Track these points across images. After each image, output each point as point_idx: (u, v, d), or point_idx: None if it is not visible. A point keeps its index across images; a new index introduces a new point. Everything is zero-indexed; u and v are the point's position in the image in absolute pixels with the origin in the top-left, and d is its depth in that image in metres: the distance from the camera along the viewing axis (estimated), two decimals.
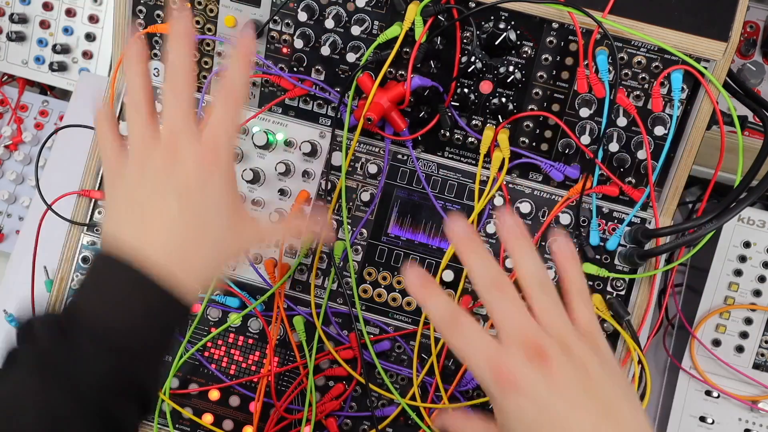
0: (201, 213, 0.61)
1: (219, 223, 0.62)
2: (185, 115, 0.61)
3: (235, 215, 0.64)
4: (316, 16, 0.85)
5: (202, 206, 0.61)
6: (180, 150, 0.60)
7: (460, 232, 0.57)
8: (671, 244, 0.79)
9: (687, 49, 0.78)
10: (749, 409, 1.01)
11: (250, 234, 0.66)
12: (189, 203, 0.60)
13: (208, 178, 0.61)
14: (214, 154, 0.61)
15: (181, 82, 0.62)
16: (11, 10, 1.18)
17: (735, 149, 0.79)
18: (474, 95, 0.86)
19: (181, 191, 0.60)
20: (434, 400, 0.87)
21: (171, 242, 0.59)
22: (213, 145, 0.61)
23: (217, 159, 0.61)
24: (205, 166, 0.60)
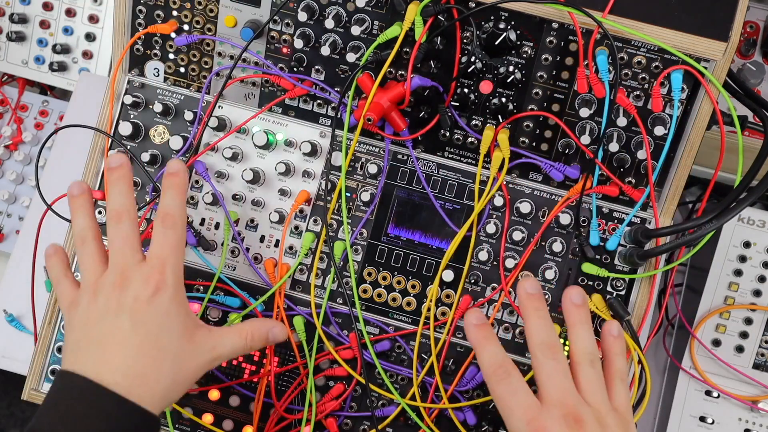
0: (153, 330, 0.64)
1: (172, 338, 0.65)
2: (131, 243, 0.67)
3: (189, 330, 0.67)
4: (316, 16, 0.85)
5: (154, 323, 0.64)
6: (128, 273, 0.65)
7: (529, 290, 0.66)
8: (671, 244, 0.79)
9: (687, 49, 0.78)
10: (749, 409, 1.01)
11: (208, 346, 0.69)
12: (140, 320, 0.64)
13: (156, 296, 0.65)
14: (160, 273, 0.66)
15: (124, 216, 0.68)
16: (11, 10, 1.18)
17: (735, 149, 0.79)
18: (474, 95, 0.86)
19: (132, 309, 0.64)
20: (434, 400, 0.87)
21: (126, 360, 0.62)
22: (159, 266, 0.66)
23: (163, 277, 0.66)
24: (153, 285, 0.65)
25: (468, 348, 0.87)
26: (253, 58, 0.89)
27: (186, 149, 0.90)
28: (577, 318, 0.66)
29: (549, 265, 0.86)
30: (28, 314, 1.04)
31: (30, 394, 0.92)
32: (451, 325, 0.86)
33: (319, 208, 0.89)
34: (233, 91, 0.91)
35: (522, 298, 0.67)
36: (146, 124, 0.92)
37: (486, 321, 0.65)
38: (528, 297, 0.67)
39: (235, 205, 0.91)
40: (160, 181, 0.90)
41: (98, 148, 0.92)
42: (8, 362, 1.08)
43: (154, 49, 0.92)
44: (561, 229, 0.86)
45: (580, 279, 0.86)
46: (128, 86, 0.93)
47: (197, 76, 0.92)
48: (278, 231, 0.90)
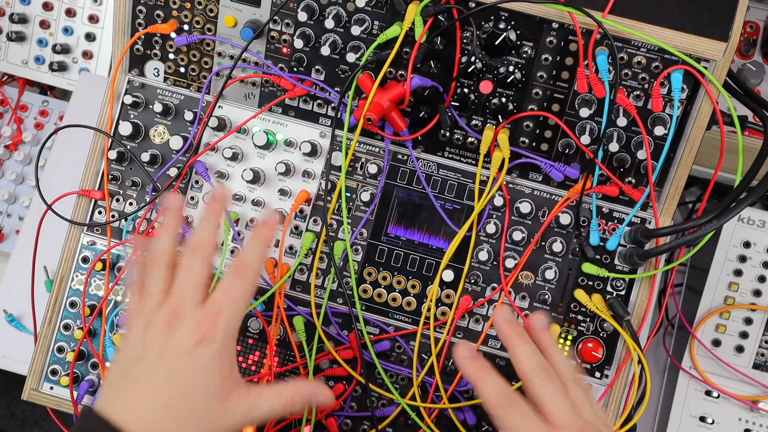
0: (187, 383, 0.60)
1: (206, 397, 0.61)
2: (195, 282, 0.63)
3: (226, 390, 0.62)
4: (316, 16, 0.85)
5: (190, 377, 0.60)
6: (181, 313, 0.62)
7: (507, 317, 0.67)
8: (671, 244, 0.79)
9: (687, 49, 0.78)
10: (749, 409, 1.01)
11: (242, 409, 0.64)
12: (177, 371, 0.60)
13: (199, 347, 0.60)
14: (212, 323, 0.61)
15: (199, 252, 0.64)
16: (11, 10, 1.18)
17: (735, 149, 0.79)
18: (474, 95, 0.86)
19: (173, 357, 0.60)
20: (434, 400, 0.87)
21: (153, 411, 0.59)
22: (214, 314, 0.62)
23: (213, 329, 0.61)
24: (200, 334, 0.61)
25: None
26: (253, 58, 0.89)
27: (186, 149, 0.90)
28: (554, 346, 0.68)
29: (549, 265, 0.86)
30: (28, 314, 1.04)
31: (30, 394, 0.92)
32: (451, 325, 0.86)
33: (319, 208, 0.89)
34: (233, 91, 0.91)
35: (502, 327, 0.67)
36: (146, 124, 0.92)
37: (476, 353, 0.66)
38: (508, 325, 0.67)
39: (235, 205, 0.91)
40: (160, 181, 0.90)
41: (98, 148, 0.92)
42: (8, 362, 1.08)
43: (154, 49, 0.92)
44: (561, 229, 0.86)
45: (580, 279, 0.86)
46: (128, 86, 0.93)
47: (197, 76, 0.92)
48: (278, 231, 0.90)
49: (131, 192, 0.92)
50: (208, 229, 0.66)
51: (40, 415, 1.82)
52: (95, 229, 0.92)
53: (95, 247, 0.92)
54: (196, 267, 0.64)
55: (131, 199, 0.92)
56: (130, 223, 0.91)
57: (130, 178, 0.92)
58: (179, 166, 0.90)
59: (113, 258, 0.91)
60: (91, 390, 0.91)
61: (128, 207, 0.92)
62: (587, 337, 0.86)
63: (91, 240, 0.93)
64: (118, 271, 0.91)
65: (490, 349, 0.87)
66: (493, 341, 0.87)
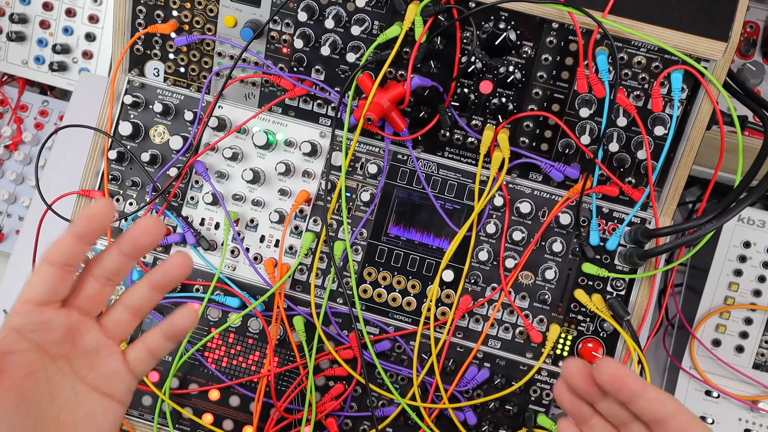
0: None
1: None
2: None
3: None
4: (316, 16, 0.85)
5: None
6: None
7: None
8: (671, 244, 0.79)
9: (687, 49, 0.78)
10: (749, 409, 1.01)
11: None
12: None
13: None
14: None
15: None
16: (11, 10, 1.18)
17: (735, 149, 0.79)
18: (474, 95, 0.86)
19: None
20: (434, 400, 0.87)
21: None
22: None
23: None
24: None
25: (468, 348, 0.87)
26: (253, 58, 0.89)
27: (186, 149, 0.90)
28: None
29: (549, 265, 0.86)
30: None
31: None
32: (451, 325, 0.86)
33: (319, 208, 0.89)
34: (233, 91, 0.91)
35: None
36: (146, 124, 0.92)
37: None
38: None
39: (235, 205, 0.91)
40: (160, 181, 0.90)
41: (98, 148, 0.92)
42: None
43: (154, 49, 0.92)
44: (561, 229, 0.86)
45: (580, 279, 0.86)
46: (128, 86, 0.93)
47: (197, 76, 0.92)
48: (278, 231, 0.90)
49: (131, 192, 0.92)
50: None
51: None
52: None
53: (95, 247, 0.92)
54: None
55: (131, 199, 0.92)
56: (130, 223, 0.91)
57: (130, 178, 0.92)
58: (179, 166, 0.90)
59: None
60: None
61: (128, 207, 0.92)
62: (587, 337, 0.86)
63: None
64: None
65: (490, 349, 0.87)
66: (493, 341, 0.87)
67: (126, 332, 0.57)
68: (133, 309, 0.57)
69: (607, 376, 0.55)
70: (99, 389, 0.55)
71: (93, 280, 0.56)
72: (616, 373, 0.55)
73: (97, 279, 0.56)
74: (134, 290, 0.57)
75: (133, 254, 0.56)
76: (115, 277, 0.56)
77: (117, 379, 0.56)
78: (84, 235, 0.55)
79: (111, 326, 0.57)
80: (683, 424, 0.54)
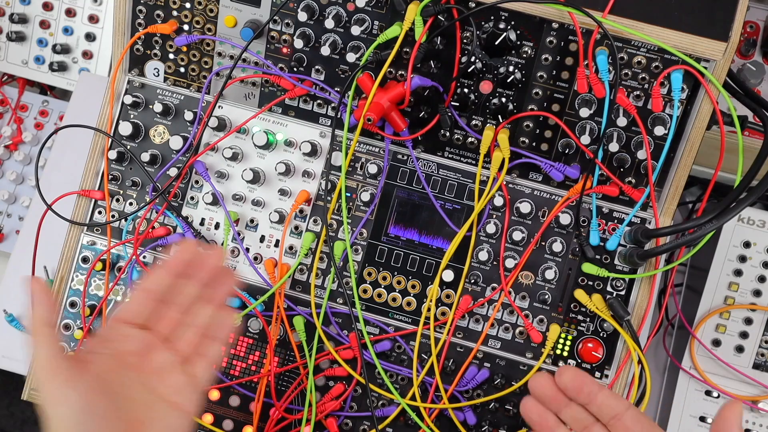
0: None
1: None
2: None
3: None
4: (316, 16, 0.85)
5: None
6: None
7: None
8: (671, 244, 0.79)
9: (687, 49, 0.78)
10: (749, 409, 1.01)
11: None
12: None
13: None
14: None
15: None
16: (11, 10, 1.18)
17: (735, 149, 0.79)
18: (474, 95, 0.86)
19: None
20: (434, 400, 0.87)
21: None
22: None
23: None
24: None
25: (468, 348, 0.87)
26: (253, 58, 0.89)
27: (186, 149, 0.90)
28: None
29: (549, 265, 0.86)
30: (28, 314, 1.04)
31: (30, 394, 0.92)
32: (451, 325, 0.86)
33: (319, 208, 0.89)
34: (233, 91, 0.91)
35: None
36: (146, 124, 0.92)
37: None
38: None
39: (235, 205, 0.91)
40: (160, 181, 0.90)
41: (98, 148, 0.92)
42: (8, 362, 1.08)
43: (154, 49, 0.91)
44: (561, 229, 0.86)
45: (580, 279, 0.86)
46: (128, 86, 0.93)
47: (197, 76, 0.92)
48: (278, 231, 0.90)
49: (131, 192, 0.92)
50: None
51: (41, 415, 1.82)
52: (95, 229, 0.92)
53: (95, 247, 0.92)
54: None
55: (131, 199, 0.92)
56: (130, 223, 0.91)
57: (130, 178, 0.92)
58: (179, 166, 0.90)
59: (113, 258, 0.91)
60: None
61: (128, 207, 0.92)
62: (587, 337, 0.86)
63: (91, 240, 0.93)
64: (118, 271, 0.91)
65: (490, 349, 0.87)
66: (493, 341, 0.87)
67: (192, 349, 0.65)
68: (198, 328, 0.65)
69: (568, 380, 0.64)
70: (167, 399, 0.62)
71: (169, 307, 0.65)
72: (575, 377, 0.64)
73: (173, 306, 0.65)
74: (198, 311, 0.66)
75: (203, 281, 0.66)
76: (188, 304, 0.65)
77: (182, 390, 0.63)
78: (173, 268, 0.65)
79: (179, 345, 0.64)
80: (635, 416, 0.64)
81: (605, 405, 0.64)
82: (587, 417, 0.65)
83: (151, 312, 0.64)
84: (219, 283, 0.67)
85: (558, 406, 0.66)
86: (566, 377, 0.64)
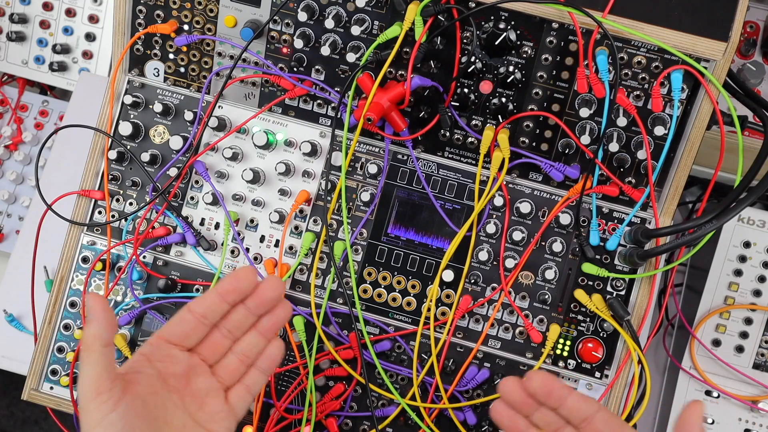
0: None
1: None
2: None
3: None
4: (316, 16, 0.85)
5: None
6: None
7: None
8: (671, 244, 0.79)
9: (687, 49, 0.78)
10: (749, 409, 1.01)
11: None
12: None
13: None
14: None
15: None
16: (11, 10, 1.18)
17: (735, 149, 0.79)
18: (474, 95, 0.86)
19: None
20: (434, 400, 0.87)
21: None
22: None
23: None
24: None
25: (468, 348, 0.87)
26: (253, 58, 0.89)
27: (186, 149, 0.90)
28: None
29: (549, 265, 0.86)
30: (28, 314, 1.04)
31: (30, 394, 0.92)
32: (451, 325, 0.86)
33: (319, 208, 0.89)
34: (233, 91, 0.91)
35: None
36: (146, 124, 0.92)
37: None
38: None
39: (235, 205, 0.91)
40: (160, 181, 0.90)
41: (98, 148, 0.92)
42: (8, 362, 1.08)
43: (154, 49, 0.92)
44: (561, 229, 0.86)
45: (580, 279, 0.86)
46: (128, 86, 0.93)
47: (197, 76, 0.92)
48: (278, 231, 0.90)
49: (131, 192, 0.92)
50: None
51: (40, 415, 1.82)
52: (95, 229, 0.92)
53: (95, 247, 0.92)
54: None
55: (131, 199, 0.92)
56: (130, 223, 0.91)
57: (130, 178, 0.92)
58: (179, 166, 0.90)
59: (113, 258, 0.91)
60: None
61: (128, 207, 0.92)
62: (587, 337, 0.86)
63: (91, 240, 0.93)
64: (118, 271, 0.91)
65: (490, 349, 0.88)
66: (493, 341, 0.87)
67: (234, 378, 0.65)
68: (243, 356, 0.65)
69: (538, 384, 0.63)
70: (204, 426, 0.62)
71: (217, 332, 0.64)
72: (544, 382, 0.63)
73: (221, 331, 0.64)
74: (245, 338, 0.65)
75: (256, 310, 0.64)
76: (237, 331, 0.65)
77: (220, 418, 0.63)
78: (227, 294, 0.63)
79: (221, 372, 0.64)
80: (606, 418, 0.63)
81: (575, 408, 0.63)
82: (558, 420, 0.65)
83: (195, 332, 0.63)
84: (272, 314, 0.65)
85: (528, 410, 0.65)
86: (535, 382, 0.63)
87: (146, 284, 0.91)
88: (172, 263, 0.91)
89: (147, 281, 0.91)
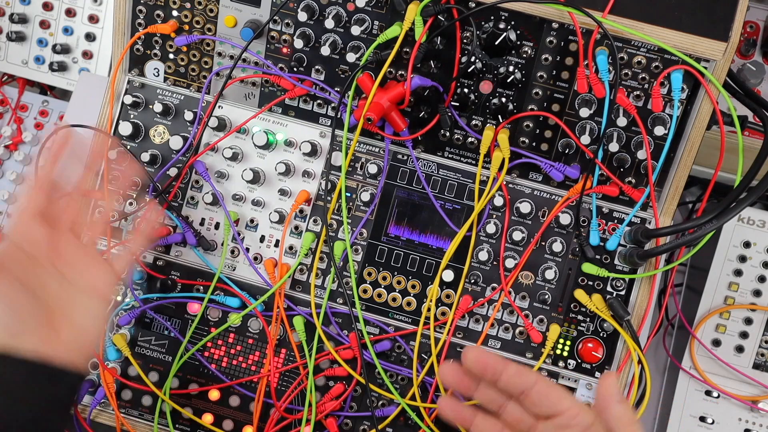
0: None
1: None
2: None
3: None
4: (316, 16, 0.85)
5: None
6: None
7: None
8: (671, 244, 0.79)
9: (687, 49, 0.78)
10: (749, 409, 1.01)
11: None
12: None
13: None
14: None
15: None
16: (11, 10, 1.18)
17: (735, 149, 0.79)
18: (474, 95, 0.86)
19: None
20: (434, 400, 0.87)
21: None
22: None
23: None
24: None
25: None
26: (253, 58, 0.89)
27: (186, 149, 0.90)
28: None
29: (549, 265, 0.86)
30: None
31: None
32: (451, 325, 0.86)
33: (319, 208, 0.89)
34: (233, 91, 0.91)
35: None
36: (146, 124, 0.92)
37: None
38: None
39: (235, 205, 0.91)
40: (160, 181, 0.90)
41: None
42: None
43: (154, 49, 0.92)
44: (561, 229, 0.86)
45: (580, 279, 0.86)
46: (128, 86, 0.93)
47: (197, 76, 0.92)
48: (278, 231, 0.90)
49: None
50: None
51: None
52: None
53: None
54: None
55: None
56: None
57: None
58: (179, 166, 0.90)
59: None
60: (91, 390, 0.91)
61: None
62: (587, 337, 0.86)
63: None
64: None
65: (490, 349, 0.87)
66: (493, 341, 0.87)
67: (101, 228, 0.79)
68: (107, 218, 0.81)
69: (471, 361, 0.63)
70: (85, 288, 0.69)
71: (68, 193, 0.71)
72: (478, 357, 0.63)
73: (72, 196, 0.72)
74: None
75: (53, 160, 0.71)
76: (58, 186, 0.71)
77: (101, 279, 0.70)
78: (55, 158, 0.71)
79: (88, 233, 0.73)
80: (544, 388, 0.63)
81: (511, 382, 0.63)
82: (499, 396, 0.65)
83: (49, 204, 0.69)
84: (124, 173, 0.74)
85: (469, 390, 0.65)
86: (469, 358, 0.64)
87: (146, 284, 0.91)
88: (172, 263, 0.91)
89: (147, 281, 0.91)
